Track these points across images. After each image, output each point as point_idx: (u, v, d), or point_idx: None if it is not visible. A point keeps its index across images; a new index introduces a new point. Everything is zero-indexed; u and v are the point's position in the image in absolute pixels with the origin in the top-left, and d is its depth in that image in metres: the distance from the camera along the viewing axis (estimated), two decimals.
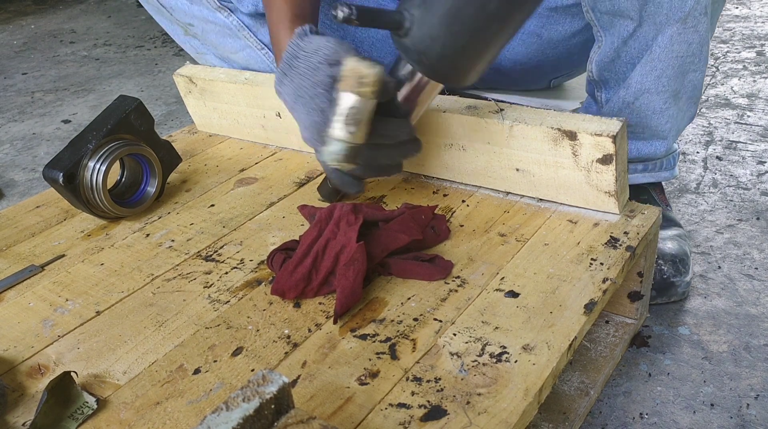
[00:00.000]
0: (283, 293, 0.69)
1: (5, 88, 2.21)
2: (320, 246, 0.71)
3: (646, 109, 0.85)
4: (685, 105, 0.87)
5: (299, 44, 0.75)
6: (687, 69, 0.82)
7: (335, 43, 0.72)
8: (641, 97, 0.84)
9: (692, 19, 0.77)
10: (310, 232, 0.73)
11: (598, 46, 0.85)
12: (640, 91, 0.83)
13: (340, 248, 0.70)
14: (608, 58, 0.84)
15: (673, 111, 0.86)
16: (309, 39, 0.75)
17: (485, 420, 0.53)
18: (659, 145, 0.89)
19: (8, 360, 0.66)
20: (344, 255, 0.69)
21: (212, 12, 0.98)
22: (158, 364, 0.64)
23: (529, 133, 0.76)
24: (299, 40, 0.75)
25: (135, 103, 0.89)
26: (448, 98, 0.85)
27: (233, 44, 1.05)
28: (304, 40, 0.75)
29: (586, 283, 0.68)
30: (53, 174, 0.83)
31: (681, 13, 0.76)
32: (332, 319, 0.67)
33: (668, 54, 0.80)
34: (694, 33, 0.79)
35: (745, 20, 2.04)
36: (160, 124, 1.75)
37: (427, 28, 0.64)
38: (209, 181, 0.99)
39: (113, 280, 0.78)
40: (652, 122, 0.86)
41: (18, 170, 1.59)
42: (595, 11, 0.82)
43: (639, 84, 0.82)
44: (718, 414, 0.73)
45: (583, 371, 0.73)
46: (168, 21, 1.10)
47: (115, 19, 3.05)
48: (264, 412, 0.45)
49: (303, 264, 0.70)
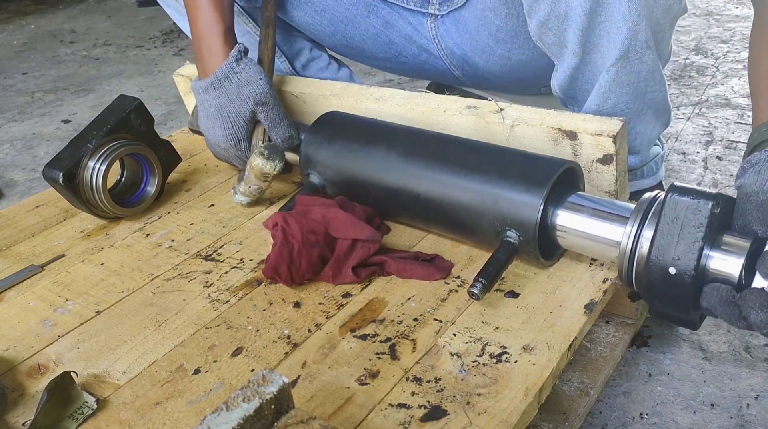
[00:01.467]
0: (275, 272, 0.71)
1: (5, 88, 2.21)
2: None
3: None
4: (651, 119, 0.86)
5: (234, 68, 0.84)
6: (644, 91, 0.82)
7: (265, 85, 0.84)
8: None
9: (634, 54, 0.77)
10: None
11: (556, 70, 0.86)
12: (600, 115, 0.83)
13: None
14: (566, 82, 0.85)
15: (640, 128, 0.86)
16: (244, 64, 0.84)
17: (485, 420, 0.53)
18: (633, 159, 0.90)
19: (8, 360, 0.66)
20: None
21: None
22: (158, 364, 0.63)
23: (529, 133, 0.76)
24: (234, 63, 0.84)
25: (135, 103, 0.89)
26: (448, 98, 0.85)
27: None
28: (239, 64, 0.84)
29: (586, 283, 0.68)
30: (53, 174, 0.83)
31: (620, 51, 0.76)
32: (332, 319, 0.67)
33: (619, 85, 0.80)
34: (641, 64, 0.78)
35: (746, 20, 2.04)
36: (160, 124, 1.75)
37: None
38: (209, 181, 0.99)
39: (113, 280, 0.78)
40: None
41: (18, 170, 1.59)
42: (543, 42, 0.83)
43: (597, 111, 0.82)
44: (718, 414, 0.73)
45: (583, 371, 0.73)
46: (176, 12, 1.11)
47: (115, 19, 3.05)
48: (264, 413, 0.45)
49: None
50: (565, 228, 0.67)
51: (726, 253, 0.56)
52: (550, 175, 0.67)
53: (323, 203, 0.77)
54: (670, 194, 0.57)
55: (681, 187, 0.57)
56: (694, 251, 0.55)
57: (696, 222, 0.55)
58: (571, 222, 0.66)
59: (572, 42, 0.79)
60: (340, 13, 1.05)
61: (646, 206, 0.61)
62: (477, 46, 0.99)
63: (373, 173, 0.77)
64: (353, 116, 0.86)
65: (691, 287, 0.55)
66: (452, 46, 1.02)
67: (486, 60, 1.00)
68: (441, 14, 1.01)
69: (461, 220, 0.71)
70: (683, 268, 0.55)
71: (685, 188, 0.56)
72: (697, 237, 0.55)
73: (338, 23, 1.06)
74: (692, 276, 0.55)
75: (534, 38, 0.84)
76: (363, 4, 1.04)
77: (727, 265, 0.55)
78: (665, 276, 0.56)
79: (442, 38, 1.03)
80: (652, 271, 0.57)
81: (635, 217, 0.61)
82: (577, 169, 0.71)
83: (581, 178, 0.72)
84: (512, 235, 0.67)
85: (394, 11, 1.05)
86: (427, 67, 1.10)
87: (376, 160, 0.77)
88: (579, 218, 0.66)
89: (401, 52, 1.09)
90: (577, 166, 0.70)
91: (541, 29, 0.81)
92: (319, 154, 0.82)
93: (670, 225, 0.56)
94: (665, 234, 0.56)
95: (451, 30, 1.01)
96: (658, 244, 0.56)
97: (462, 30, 1.00)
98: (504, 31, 0.94)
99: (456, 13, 0.99)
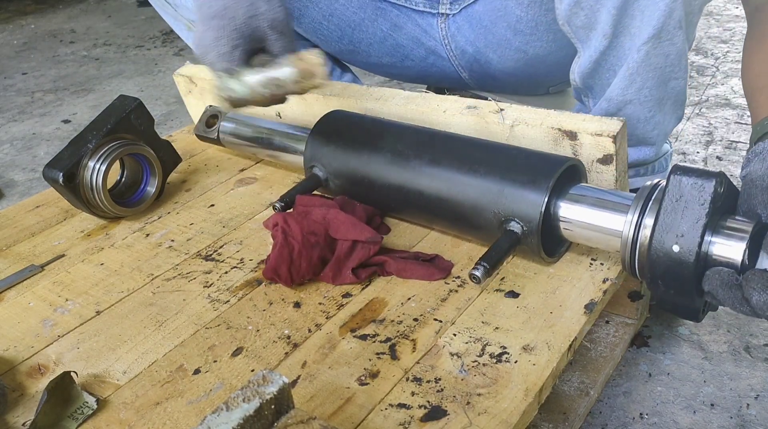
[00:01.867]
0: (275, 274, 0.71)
1: (5, 88, 2.21)
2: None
3: (631, 118, 0.85)
4: (670, 109, 0.87)
5: None
6: (668, 77, 0.82)
7: (282, 12, 0.69)
8: (625, 108, 0.84)
9: (666, 33, 0.77)
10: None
11: (578, 56, 0.86)
12: (623, 103, 0.83)
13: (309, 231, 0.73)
14: (588, 69, 0.85)
15: (659, 118, 0.86)
16: None
17: (485, 420, 0.53)
18: (648, 151, 0.90)
19: (8, 360, 0.66)
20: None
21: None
22: (158, 364, 0.63)
23: (529, 133, 0.76)
24: None
25: (135, 102, 0.89)
26: (448, 98, 0.85)
27: None
28: None
29: (586, 283, 0.68)
30: (53, 174, 0.83)
31: (654, 29, 0.76)
32: (332, 319, 0.67)
33: (646, 68, 0.80)
34: (671, 46, 0.78)
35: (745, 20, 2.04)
36: (160, 124, 1.75)
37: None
38: (209, 181, 0.99)
39: (113, 280, 0.78)
40: (638, 130, 0.86)
41: (18, 170, 1.59)
42: (571, 25, 0.82)
43: (621, 96, 0.83)
44: (718, 414, 0.73)
45: (583, 371, 0.73)
46: (172, 17, 1.10)
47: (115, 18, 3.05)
48: (264, 413, 0.45)
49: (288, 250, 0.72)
50: (568, 219, 0.67)
51: (728, 236, 0.56)
52: (556, 167, 0.67)
53: (324, 204, 0.77)
54: (674, 174, 0.57)
55: (684, 167, 0.57)
56: (698, 229, 0.55)
57: (700, 200, 0.55)
58: (574, 213, 0.67)
59: (604, 22, 0.78)
60: (348, 17, 1.05)
61: (647, 194, 0.61)
62: (493, 39, 0.98)
63: (377, 166, 0.78)
64: (359, 114, 0.87)
65: (695, 266, 0.56)
66: (464, 44, 1.02)
67: (501, 55, 1.00)
68: (453, 13, 1.01)
69: (465, 213, 0.71)
70: (687, 246, 0.55)
71: (689, 168, 0.57)
72: (700, 214, 0.55)
73: (345, 28, 1.06)
74: (696, 253, 0.55)
75: (561, 22, 0.83)
76: (371, 8, 1.04)
77: (729, 248, 0.56)
78: (669, 255, 0.56)
79: (453, 37, 1.03)
80: (656, 250, 0.57)
81: (636, 205, 0.61)
82: (580, 167, 0.71)
83: (584, 177, 0.72)
84: (515, 226, 0.67)
85: (403, 14, 1.05)
86: (433, 70, 1.10)
87: (382, 153, 0.78)
88: (581, 209, 0.67)
89: (408, 55, 1.09)
90: (580, 164, 0.71)
91: (572, 10, 0.80)
92: (324, 148, 0.82)
93: (675, 203, 0.56)
94: (669, 212, 0.56)
95: (464, 27, 1.01)
96: (662, 223, 0.57)
97: (476, 25, 0.99)
98: (524, 22, 0.93)
99: (469, 9, 0.99)
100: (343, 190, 0.82)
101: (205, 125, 1.02)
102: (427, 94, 0.88)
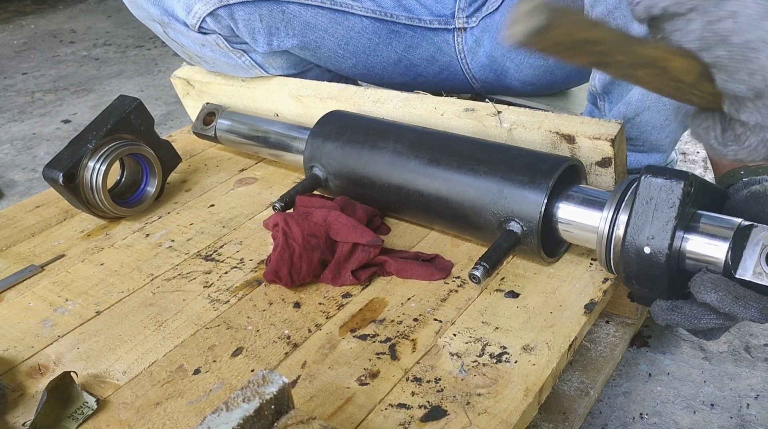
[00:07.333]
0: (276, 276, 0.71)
1: (5, 88, 2.21)
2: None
3: (647, 125, 0.85)
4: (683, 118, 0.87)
5: None
6: None
7: None
8: (642, 114, 0.84)
9: None
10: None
11: None
12: (641, 109, 0.83)
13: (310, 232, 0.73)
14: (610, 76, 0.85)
15: (674, 126, 0.86)
16: None
17: (485, 420, 0.53)
18: (658, 158, 0.90)
19: (8, 360, 0.66)
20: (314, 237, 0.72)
21: (224, 54, 0.98)
22: (158, 364, 0.64)
23: (527, 136, 0.76)
24: None
25: (135, 103, 0.89)
26: (445, 100, 0.85)
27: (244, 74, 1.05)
28: None
29: (586, 283, 0.68)
30: (53, 174, 0.83)
31: None
32: (332, 319, 0.67)
33: None
34: None
35: None
36: (160, 124, 1.75)
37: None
38: (209, 181, 0.99)
39: (113, 280, 0.78)
40: (652, 137, 0.86)
41: (18, 170, 1.59)
42: None
43: (640, 102, 0.83)
44: (718, 414, 0.73)
45: (583, 371, 0.73)
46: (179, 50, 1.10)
47: (115, 19, 3.05)
48: (264, 413, 0.45)
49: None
50: (565, 220, 0.68)
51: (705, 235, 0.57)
52: (556, 167, 0.68)
53: (324, 205, 0.77)
54: (645, 176, 0.58)
55: (655, 168, 0.58)
56: (668, 231, 0.56)
57: (669, 202, 0.56)
58: (571, 214, 0.68)
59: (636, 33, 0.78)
60: (363, 43, 1.04)
61: (622, 191, 0.62)
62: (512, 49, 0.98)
63: (377, 166, 0.78)
64: (359, 114, 0.87)
65: (666, 267, 0.57)
66: (481, 55, 1.02)
67: (519, 63, 1.00)
68: (471, 26, 1.01)
69: (465, 213, 0.71)
70: (657, 248, 0.57)
71: (659, 169, 0.58)
72: (670, 216, 0.56)
73: (360, 54, 1.06)
74: (666, 255, 0.56)
75: None
76: (385, 32, 1.04)
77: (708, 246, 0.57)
78: (640, 256, 0.58)
79: (470, 50, 1.03)
80: (628, 251, 0.58)
81: (611, 202, 0.62)
82: (580, 167, 0.71)
83: (584, 177, 0.72)
84: (515, 226, 0.68)
85: (417, 34, 1.04)
86: (446, 84, 1.10)
87: (382, 152, 0.78)
88: (576, 209, 0.67)
89: (421, 73, 1.09)
90: (580, 164, 0.71)
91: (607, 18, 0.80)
92: (324, 148, 0.82)
93: (645, 205, 0.57)
94: (640, 214, 0.58)
95: (482, 39, 1.01)
96: (633, 225, 0.58)
97: (494, 36, 0.99)
98: None
99: (487, 20, 1.00)
100: (342, 190, 0.82)
101: (203, 123, 1.02)
102: (425, 95, 0.87)
